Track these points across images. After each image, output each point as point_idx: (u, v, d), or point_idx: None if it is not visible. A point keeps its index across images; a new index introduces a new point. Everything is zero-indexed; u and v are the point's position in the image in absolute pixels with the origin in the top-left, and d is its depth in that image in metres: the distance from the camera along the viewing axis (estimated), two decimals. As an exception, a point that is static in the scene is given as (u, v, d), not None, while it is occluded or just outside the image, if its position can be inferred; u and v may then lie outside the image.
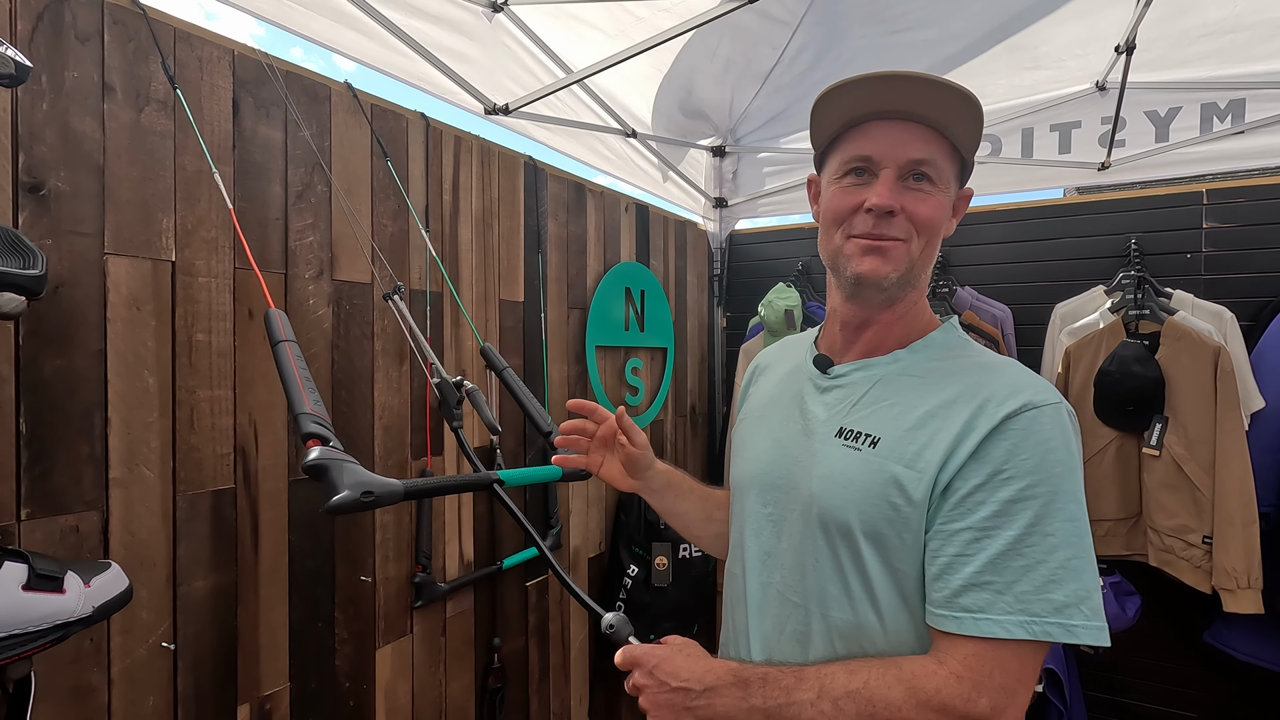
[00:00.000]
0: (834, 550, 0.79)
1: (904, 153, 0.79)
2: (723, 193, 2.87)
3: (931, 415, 0.77)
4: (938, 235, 0.83)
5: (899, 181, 0.80)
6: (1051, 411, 0.73)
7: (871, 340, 0.87)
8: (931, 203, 0.80)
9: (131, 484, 1.09)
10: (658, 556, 2.16)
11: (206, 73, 1.20)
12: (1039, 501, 0.70)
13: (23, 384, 0.97)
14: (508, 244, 1.86)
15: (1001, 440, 0.72)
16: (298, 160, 1.34)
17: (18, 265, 0.79)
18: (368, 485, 0.80)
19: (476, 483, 1.03)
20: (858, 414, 0.82)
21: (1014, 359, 0.86)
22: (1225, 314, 2.02)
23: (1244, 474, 1.86)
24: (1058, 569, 0.68)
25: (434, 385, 1.32)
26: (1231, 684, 2.13)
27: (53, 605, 0.79)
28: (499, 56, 1.81)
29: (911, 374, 0.82)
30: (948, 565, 0.72)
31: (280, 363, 0.93)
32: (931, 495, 0.74)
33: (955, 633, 0.71)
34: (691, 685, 0.75)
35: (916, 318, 0.87)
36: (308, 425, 0.84)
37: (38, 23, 0.99)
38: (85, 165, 1.04)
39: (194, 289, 1.17)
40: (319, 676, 1.37)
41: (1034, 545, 0.69)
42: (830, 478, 0.80)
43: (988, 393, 0.75)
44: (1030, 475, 0.70)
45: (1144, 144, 2.19)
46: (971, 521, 0.71)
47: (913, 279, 0.83)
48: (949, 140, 0.80)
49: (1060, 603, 0.68)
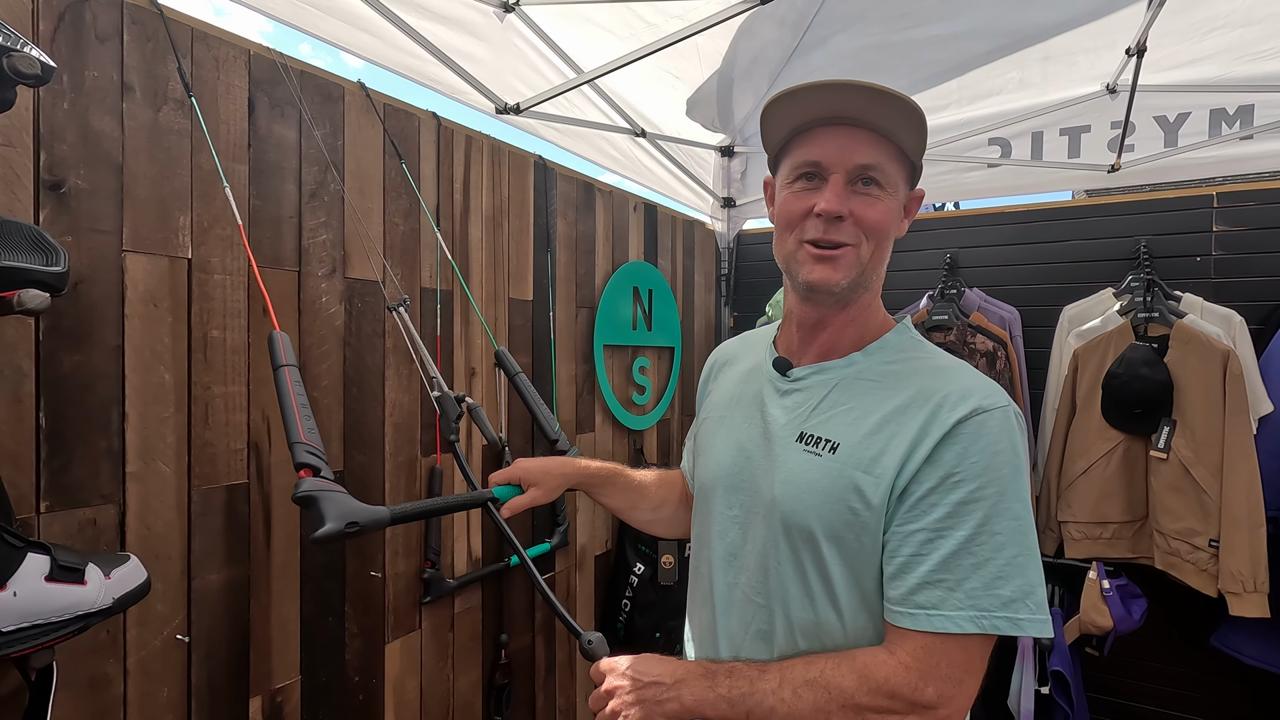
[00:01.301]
0: (795, 552, 0.83)
1: (851, 158, 0.82)
2: (731, 192, 2.87)
3: (887, 420, 0.80)
4: (887, 238, 0.85)
5: (848, 186, 0.82)
6: (1000, 415, 0.77)
7: (827, 342, 0.89)
8: (879, 207, 0.82)
9: (147, 478, 1.11)
10: (664, 555, 2.17)
11: (223, 72, 1.21)
12: (988, 503, 0.74)
13: (42, 379, 0.99)
14: (517, 243, 1.87)
15: (953, 444, 0.75)
16: (311, 159, 1.35)
17: (41, 262, 0.80)
18: (352, 515, 0.83)
19: (469, 502, 1.04)
20: (817, 419, 0.85)
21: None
22: (1234, 318, 2.01)
23: (1251, 478, 1.86)
24: (1005, 565, 0.73)
25: (434, 399, 1.33)
26: (1237, 688, 2.13)
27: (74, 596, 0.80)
28: (509, 56, 1.82)
29: (866, 378, 0.85)
30: (904, 565, 0.76)
31: (280, 389, 0.95)
32: (889, 499, 0.77)
33: (909, 628, 0.75)
34: (663, 679, 0.80)
35: (870, 319, 0.90)
36: (301, 455, 0.86)
37: (59, 23, 1.01)
38: (104, 164, 1.06)
39: (209, 286, 1.19)
40: (329, 670, 1.39)
41: (983, 544, 0.73)
42: (792, 483, 0.83)
43: (940, 397, 0.78)
44: (979, 478, 0.74)
45: (1153, 148, 2.19)
46: (925, 523, 0.75)
47: (864, 282, 0.86)
48: (896, 145, 0.82)
49: (1008, 598, 0.73)
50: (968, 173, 2.45)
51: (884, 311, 0.92)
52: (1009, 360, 2.25)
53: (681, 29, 1.65)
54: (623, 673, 0.82)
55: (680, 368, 2.56)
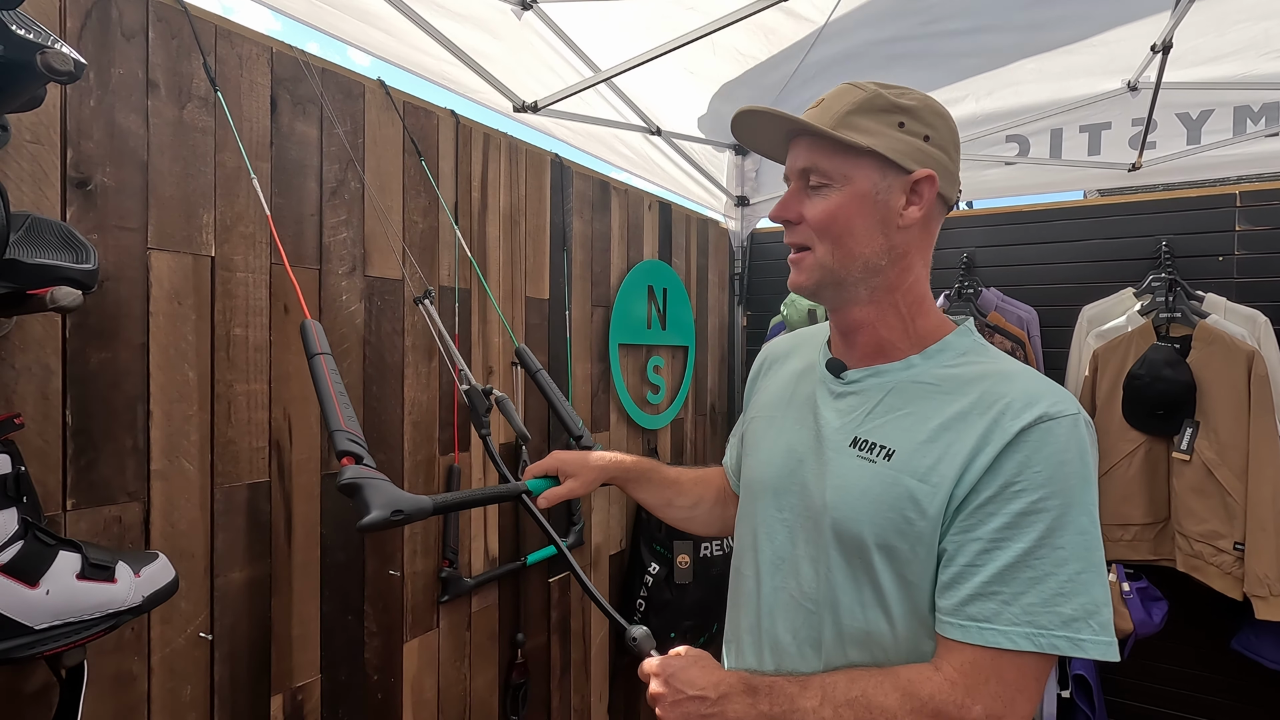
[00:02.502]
0: (846, 560, 0.80)
1: (794, 164, 0.85)
2: (745, 191, 2.86)
3: (946, 427, 0.77)
4: (848, 235, 0.81)
5: (805, 190, 0.84)
6: (1068, 423, 0.73)
7: (868, 343, 0.87)
8: (823, 205, 0.82)
9: (172, 476, 1.11)
10: (679, 555, 2.16)
11: (246, 69, 1.21)
12: (1050, 514, 0.70)
13: (69, 376, 0.99)
14: (534, 241, 1.86)
15: (1015, 453, 0.72)
16: (332, 157, 1.35)
17: (72, 259, 0.80)
18: (397, 503, 0.83)
19: (504, 494, 1.05)
20: (871, 423, 0.82)
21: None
22: (1259, 318, 1.99)
23: (1277, 480, 1.84)
24: (1067, 582, 0.69)
25: (463, 393, 1.33)
26: (1259, 692, 2.10)
27: (106, 594, 0.80)
28: (525, 55, 1.81)
29: (924, 381, 0.82)
30: (958, 574, 0.73)
31: (316, 377, 0.94)
32: (946, 510, 0.74)
33: (959, 640, 0.72)
34: (707, 693, 0.78)
35: (913, 318, 0.85)
36: (342, 443, 0.86)
37: (86, 20, 1.01)
38: (130, 161, 1.06)
39: (232, 284, 1.19)
40: (349, 669, 1.39)
41: (1044, 558, 0.70)
42: (844, 489, 0.81)
43: (1003, 404, 0.75)
44: (1043, 488, 0.71)
45: (1175, 146, 2.16)
46: (982, 533, 0.72)
47: (843, 280, 0.83)
48: (837, 139, 0.80)
49: (1069, 616, 0.69)
50: (985, 170, 2.43)
51: (937, 312, 0.88)
52: (1027, 361, 2.23)
53: (700, 25, 1.64)
54: (667, 680, 0.80)
55: (694, 367, 2.55)
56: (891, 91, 0.82)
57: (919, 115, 0.81)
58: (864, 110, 0.80)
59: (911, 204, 0.82)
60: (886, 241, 0.82)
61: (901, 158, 0.80)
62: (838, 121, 0.80)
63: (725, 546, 2.26)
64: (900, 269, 0.84)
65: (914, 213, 0.82)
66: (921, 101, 0.83)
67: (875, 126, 0.80)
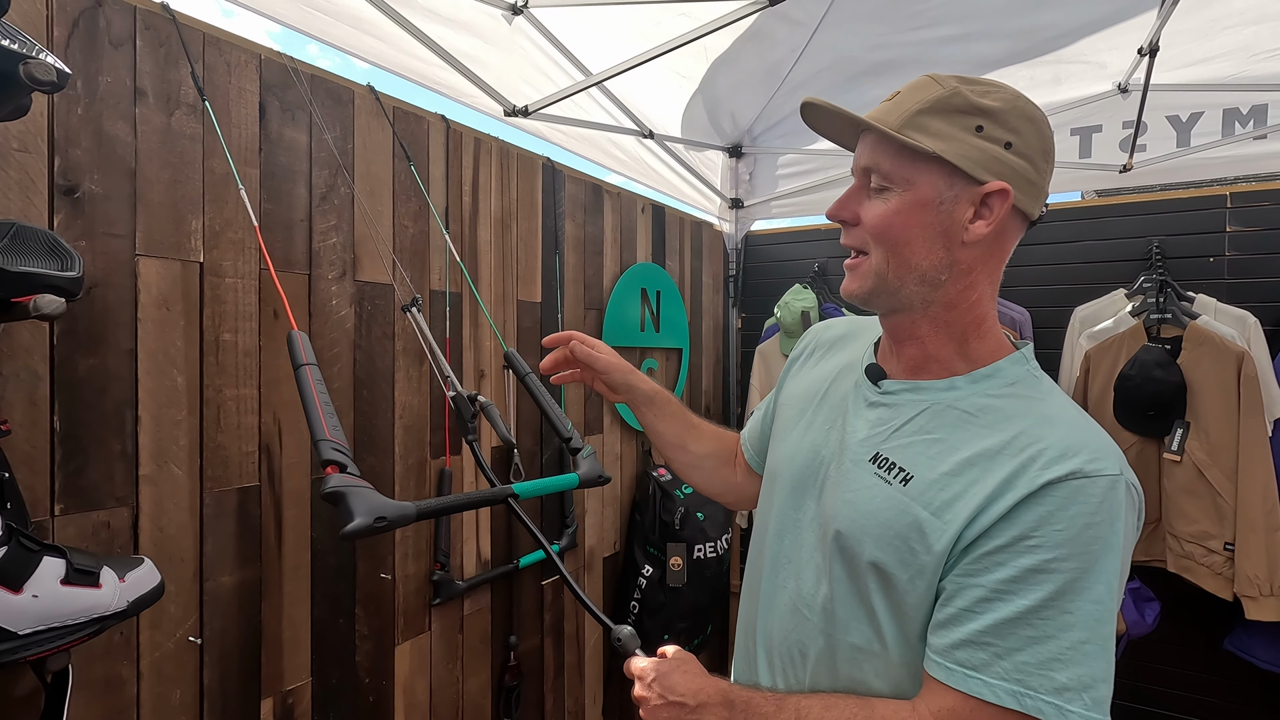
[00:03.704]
0: (846, 573, 0.78)
1: (858, 161, 0.79)
2: (739, 193, 2.87)
3: (971, 463, 0.72)
4: (904, 244, 0.75)
5: (866, 190, 0.78)
6: (1105, 484, 0.66)
7: (915, 356, 0.81)
8: (881, 209, 0.76)
9: (161, 481, 1.11)
10: (673, 557, 2.17)
11: (234, 76, 1.22)
12: (1063, 576, 0.65)
13: (57, 382, 1.00)
14: (526, 245, 1.87)
15: (1037, 506, 0.67)
16: (321, 162, 1.36)
17: (56, 267, 0.81)
18: (380, 510, 0.84)
19: (491, 499, 1.05)
20: (896, 441, 0.78)
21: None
22: (1249, 319, 1.99)
23: (1268, 481, 1.84)
24: (1068, 649, 0.65)
25: (450, 399, 1.34)
26: (1251, 692, 2.10)
27: (90, 599, 0.81)
28: (517, 59, 1.82)
29: (962, 408, 0.76)
30: (953, 617, 0.70)
31: (302, 387, 0.95)
32: (953, 549, 0.71)
33: (943, 681, 0.69)
34: (686, 700, 0.79)
35: (968, 336, 0.79)
36: (326, 452, 0.87)
37: (73, 29, 1.01)
38: (118, 168, 1.07)
39: (221, 289, 1.19)
40: (340, 672, 1.39)
41: (1049, 619, 0.65)
42: (854, 504, 0.78)
43: (1037, 449, 0.69)
44: (1060, 548, 0.66)
45: (1165, 148, 2.17)
46: (985, 580, 0.68)
47: (897, 290, 0.77)
48: (903, 140, 0.73)
49: (1061, 684, 0.64)
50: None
51: (997, 334, 0.80)
52: (1020, 362, 2.24)
53: (690, 30, 1.65)
54: (649, 684, 0.81)
55: (689, 369, 2.56)
56: (974, 89, 0.73)
57: (1002, 118, 0.73)
58: (937, 110, 0.73)
59: (980, 217, 0.74)
60: (948, 255, 0.75)
61: (972, 166, 0.72)
62: (906, 121, 0.73)
63: (719, 549, 2.27)
64: (962, 286, 0.76)
65: (981, 227, 0.74)
66: (1009, 103, 0.73)
67: (947, 129, 0.72)
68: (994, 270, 0.78)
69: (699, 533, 2.20)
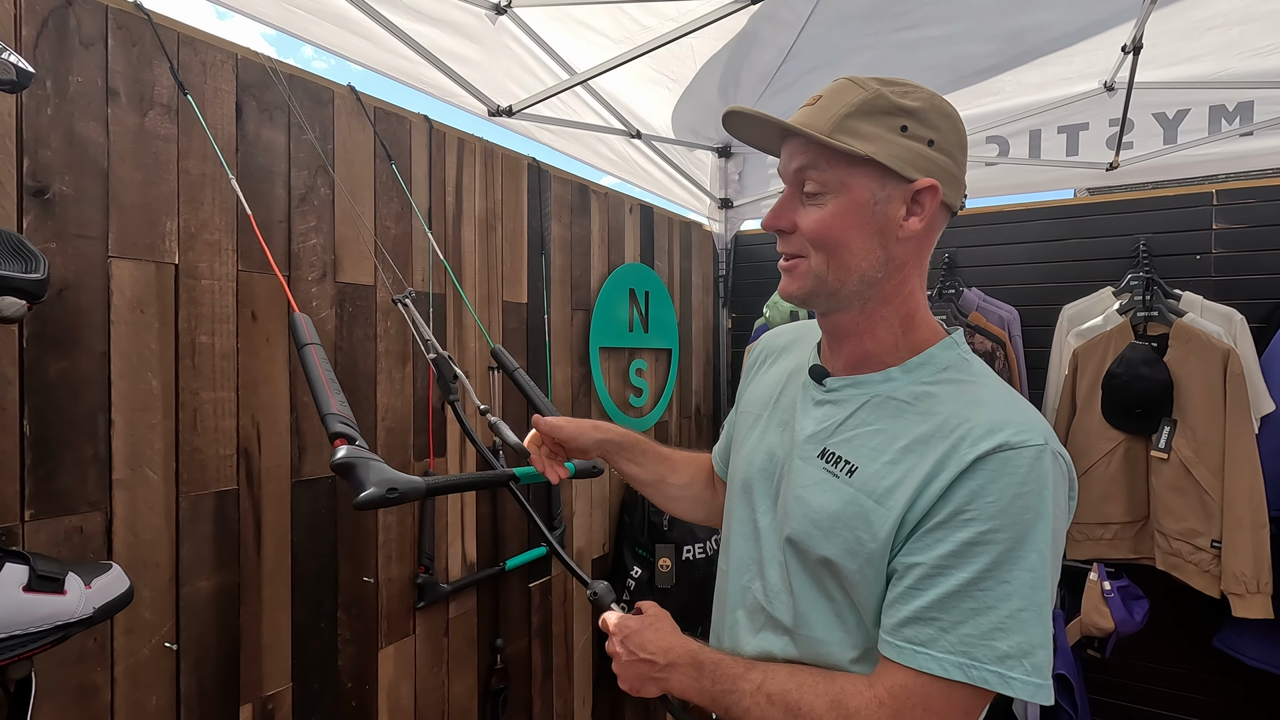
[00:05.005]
0: (803, 569, 0.81)
1: (787, 165, 0.80)
2: (728, 194, 2.86)
3: (909, 450, 0.75)
4: (841, 246, 0.77)
5: (798, 196, 0.80)
6: (1030, 454, 0.69)
7: (854, 353, 0.84)
8: (818, 214, 0.77)
9: (135, 485, 1.10)
10: (661, 558, 2.16)
11: (210, 76, 1.20)
12: (998, 547, 0.68)
13: (27, 386, 0.98)
14: (511, 245, 1.86)
15: (969, 481, 0.70)
16: (301, 163, 1.34)
17: (20, 269, 0.80)
18: (393, 482, 0.84)
19: (493, 480, 1.06)
20: (841, 436, 0.81)
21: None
22: (1235, 316, 2.00)
23: (1254, 478, 1.84)
24: (1007, 618, 0.68)
25: (430, 361, 1.34)
26: (1240, 689, 2.10)
27: (53, 606, 0.80)
28: (501, 58, 1.81)
29: (900, 397, 0.79)
30: (900, 596, 0.72)
31: (307, 365, 0.96)
32: (896, 534, 0.73)
33: (893, 659, 0.72)
34: (656, 659, 0.82)
35: (904, 330, 0.82)
36: (335, 425, 0.86)
37: (42, 28, 1.00)
38: (89, 169, 1.05)
39: (197, 291, 1.18)
40: (322, 677, 1.38)
41: (987, 590, 0.68)
42: (804, 500, 0.81)
43: (965, 429, 0.72)
44: (994, 519, 0.68)
45: (1152, 145, 2.17)
46: (927, 558, 0.71)
47: (836, 291, 0.79)
48: (834, 146, 0.75)
49: (1003, 652, 0.67)
50: (966, 171, 2.44)
51: (930, 323, 0.84)
52: (1008, 360, 2.24)
53: (674, 29, 1.64)
54: (622, 640, 0.85)
55: (678, 370, 2.55)
56: (894, 90, 0.76)
57: (923, 118, 0.76)
58: (864, 112, 0.74)
59: (912, 214, 0.77)
60: (884, 253, 0.78)
61: (902, 165, 0.74)
62: (835, 125, 0.74)
63: (707, 550, 2.26)
64: (897, 281, 0.80)
65: (914, 224, 0.77)
66: (926, 101, 0.76)
67: (875, 130, 0.74)
68: (923, 262, 0.83)
69: (687, 534, 2.19)
